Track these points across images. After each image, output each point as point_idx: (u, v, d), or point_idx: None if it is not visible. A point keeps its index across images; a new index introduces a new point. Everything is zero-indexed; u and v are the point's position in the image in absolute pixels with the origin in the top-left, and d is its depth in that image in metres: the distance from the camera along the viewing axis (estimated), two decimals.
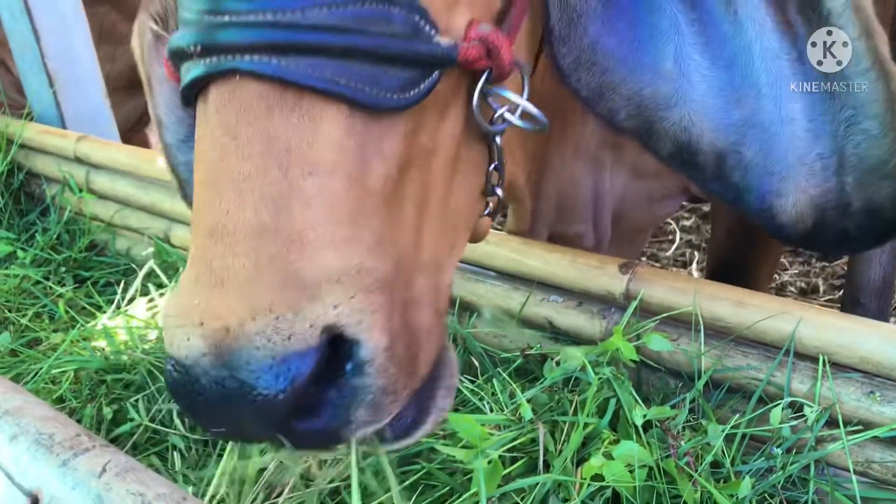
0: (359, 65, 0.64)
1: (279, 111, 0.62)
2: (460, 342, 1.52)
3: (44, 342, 1.82)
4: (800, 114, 0.87)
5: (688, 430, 1.21)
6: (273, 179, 0.62)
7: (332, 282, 0.63)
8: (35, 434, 0.59)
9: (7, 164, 2.34)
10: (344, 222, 0.65)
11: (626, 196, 1.69)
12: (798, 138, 0.87)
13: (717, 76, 0.87)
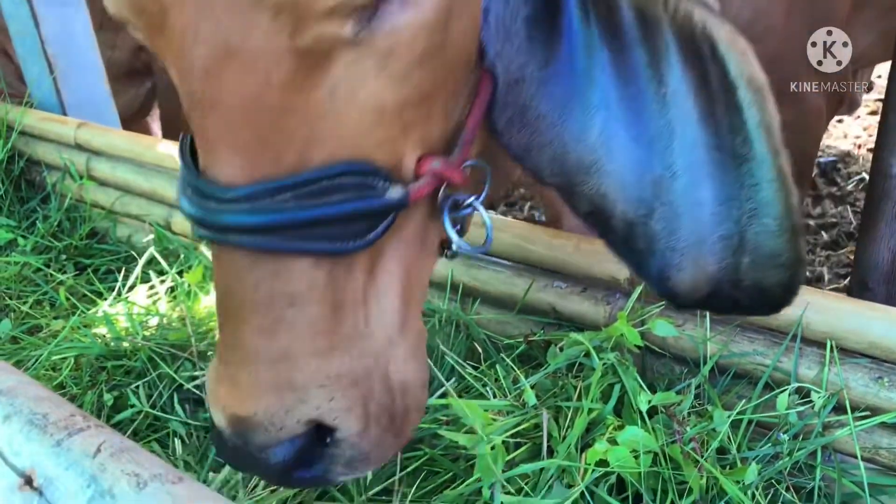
0: (321, 228, 0.79)
1: (262, 266, 0.80)
2: (463, 329, 1.51)
3: (44, 329, 1.81)
4: (709, 199, 0.93)
5: (693, 415, 1.19)
6: (264, 313, 0.81)
7: (315, 387, 0.84)
8: (28, 414, 0.58)
9: (7, 152, 2.33)
10: (321, 338, 0.84)
11: None
12: (703, 221, 0.94)
13: (636, 153, 0.93)
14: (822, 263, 3.01)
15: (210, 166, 0.78)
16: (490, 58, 0.90)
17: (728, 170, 0.92)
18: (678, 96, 0.90)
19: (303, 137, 0.77)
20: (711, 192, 0.93)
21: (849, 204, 3.34)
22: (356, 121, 0.79)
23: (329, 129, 0.78)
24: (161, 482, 0.51)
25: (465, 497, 1.13)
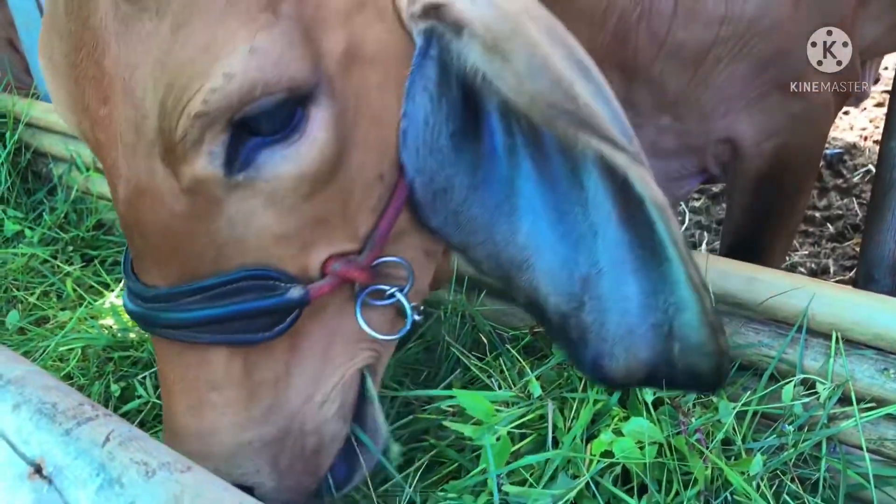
0: (231, 324, 0.92)
1: (187, 355, 0.94)
2: (469, 320, 1.51)
3: (52, 320, 1.82)
4: (635, 293, 1.00)
5: (698, 407, 1.20)
6: (190, 394, 0.96)
7: (233, 456, 0.98)
8: (38, 403, 0.58)
9: (14, 144, 2.33)
10: (240, 414, 0.98)
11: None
12: (632, 313, 1.01)
13: (564, 251, 1.00)
14: (828, 255, 3.00)
15: (138, 272, 0.94)
16: (410, 173, 0.97)
17: (651, 266, 0.98)
18: (598, 200, 0.97)
19: (209, 254, 0.90)
20: (637, 286, 1.00)
21: (855, 196, 3.34)
22: (255, 244, 0.91)
23: (231, 248, 0.91)
24: (170, 471, 0.51)
25: (470, 488, 1.14)
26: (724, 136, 1.61)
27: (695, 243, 3.32)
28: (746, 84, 1.53)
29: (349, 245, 0.98)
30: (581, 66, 0.94)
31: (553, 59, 0.90)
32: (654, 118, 1.59)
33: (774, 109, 1.57)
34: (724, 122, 1.58)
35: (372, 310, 1.05)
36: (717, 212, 3.41)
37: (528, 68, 0.90)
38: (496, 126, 0.96)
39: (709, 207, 3.47)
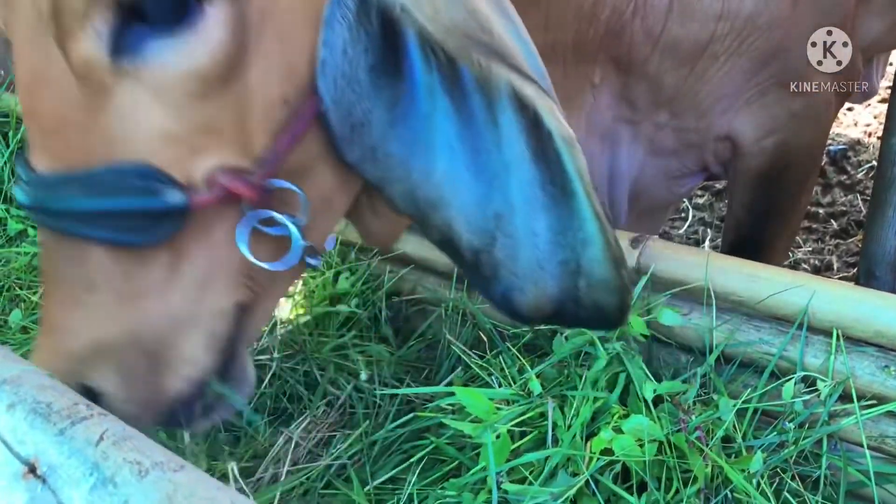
0: (108, 220, 0.90)
1: (65, 249, 0.92)
2: (469, 318, 1.51)
3: None
4: (544, 230, 1.02)
5: (699, 404, 1.20)
6: (63, 289, 0.95)
7: (88, 358, 0.96)
8: (32, 402, 0.58)
9: (17, 143, 2.33)
10: (106, 318, 0.96)
11: (644, 174, 1.67)
12: (541, 249, 1.03)
13: (478, 190, 1.01)
14: (832, 252, 3.00)
15: (29, 156, 0.92)
16: (327, 104, 0.95)
17: (560, 204, 1.00)
18: (511, 137, 0.98)
19: (98, 147, 0.89)
20: (547, 223, 1.01)
21: (858, 192, 3.33)
22: (142, 140, 0.89)
23: (119, 143, 0.89)
24: (163, 470, 0.51)
25: (470, 486, 1.14)
26: (724, 133, 1.60)
27: (698, 240, 3.31)
28: (745, 81, 1.52)
29: (242, 161, 0.94)
30: (499, 3, 0.96)
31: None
32: (652, 115, 1.58)
33: (774, 107, 1.56)
34: (723, 119, 1.58)
35: (260, 239, 0.97)
36: (720, 208, 3.40)
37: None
38: (415, 61, 0.96)
39: (712, 204, 3.47)
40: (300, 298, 1.61)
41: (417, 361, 1.53)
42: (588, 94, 1.57)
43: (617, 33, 1.45)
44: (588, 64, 1.53)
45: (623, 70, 1.52)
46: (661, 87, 1.52)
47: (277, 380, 1.48)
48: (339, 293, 1.61)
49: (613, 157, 1.66)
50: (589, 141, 1.64)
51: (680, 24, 1.43)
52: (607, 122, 1.61)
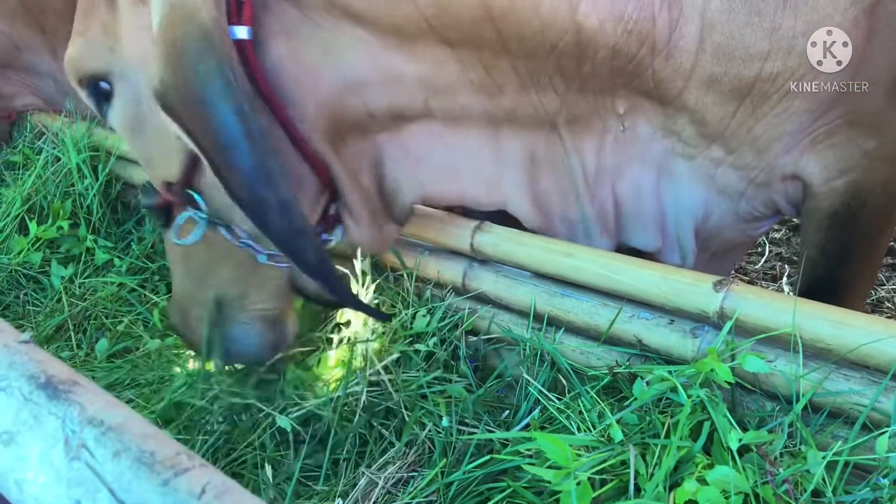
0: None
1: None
2: (547, 358, 1.50)
3: (139, 349, 1.88)
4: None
5: (786, 455, 1.16)
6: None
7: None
8: (137, 451, 0.60)
9: (105, 176, 2.43)
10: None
11: (712, 215, 1.63)
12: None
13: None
14: None
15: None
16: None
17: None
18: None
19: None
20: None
21: None
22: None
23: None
24: None
25: None
26: (791, 172, 1.54)
27: (775, 276, 3.23)
28: (810, 121, 1.46)
29: (170, 178, 1.48)
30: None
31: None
32: (704, 148, 1.54)
33: (845, 146, 1.49)
34: (788, 158, 1.52)
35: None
36: (797, 243, 3.32)
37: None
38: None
39: (789, 238, 3.39)
40: (382, 338, 1.63)
41: (495, 401, 1.53)
42: (612, 121, 1.56)
43: (632, 72, 1.44)
44: (603, 95, 1.51)
45: (655, 101, 1.50)
46: (704, 121, 1.49)
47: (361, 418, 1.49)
48: (418, 332, 1.62)
49: (675, 192, 1.63)
50: (631, 168, 1.62)
51: (715, 62, 1.40)
52: (657, 155, 1.59)
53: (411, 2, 1.36)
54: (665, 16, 1.36)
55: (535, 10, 1.35)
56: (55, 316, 2.08)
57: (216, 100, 1.25)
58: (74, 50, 1.47)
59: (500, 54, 1.44)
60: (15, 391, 0.67)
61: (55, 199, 2.38)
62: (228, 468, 1.50)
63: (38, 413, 0.64)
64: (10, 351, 0.71)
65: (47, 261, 2.27)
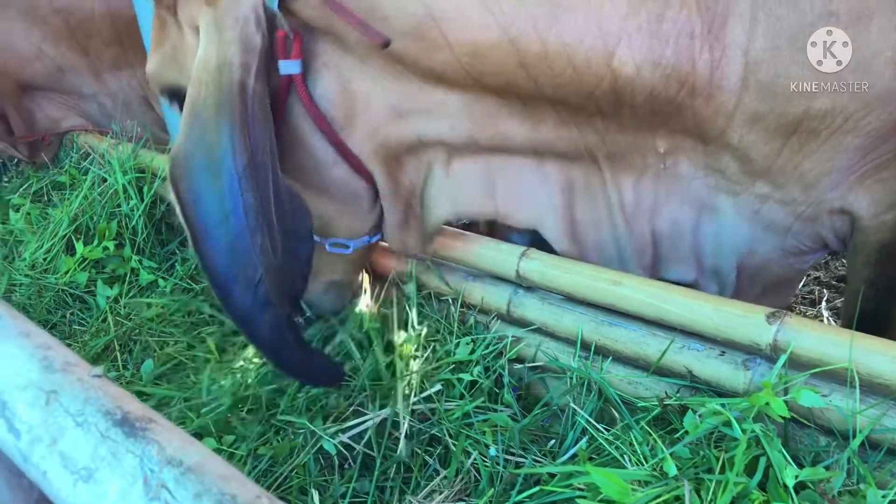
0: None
1: None
2: (594, 388, 1.49)
3: (185, 370, 1.90)
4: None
5: (846, 494, 1.14)
6: None
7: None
8: (218, 494, 0.61)
9: (151, 197, 2.46)
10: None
11: (757, 250, 1.62)
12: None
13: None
14: None
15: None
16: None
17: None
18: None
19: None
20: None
21: None
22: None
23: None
24: None
25: None
26: (839, 207, 1.52)
27: (814, 300, 3.19)
28: (859, 157, 1.44)
29: None
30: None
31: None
32: (748, 185, 1.53)
33: (894, 180, 1.46)
34: (836, 192, 1.50)
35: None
36: (836, 268, 3.28)
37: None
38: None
39: (828, 263, 3.34)
40: (426, 365, 1.63)
41: (540, 430, 1.52)
42: (652, 159, 1.56)
43: (672, 112, 1.43)
44: (643, 134, 1.51)
45: (699, 140, 1.49)
46: (748, 158, 1.47)
47: (406, 445, 1.49)
48: (461, 360, 1.62)
49: (717, 227, 1.61)
50: (670, 205, 1.61)
51: (759, 101, 1.38)
52: (700, 192, 1.58)
53: (447, 49, 1.40)
54: (706, 57, 1.36)
55: (568, 59, 1.37)
56: (101, 336, 2.10)
57: (207, 178, 1.31)
58: (153, 64, 1.61)
59: (537, 97, 1.47)
60: (92, 427, 0.67)
61: (101, 220, 2.42)
62: (273, 492, 1.51)
63: (115, 450, 0.65)
64: (84, 385, 0.72)
65: (93, 281, 2.30)
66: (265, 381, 1.72)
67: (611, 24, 1.34)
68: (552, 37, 1.35)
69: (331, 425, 1.56)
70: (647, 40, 1.35)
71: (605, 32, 1.34)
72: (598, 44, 1.35)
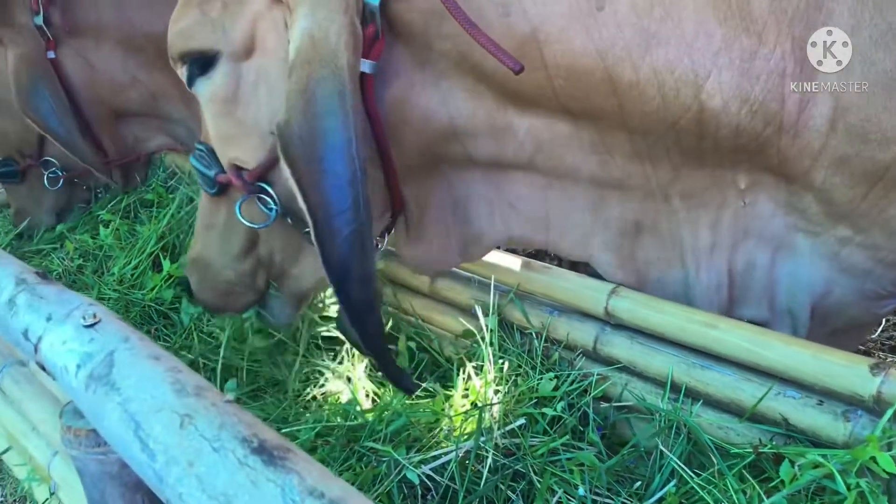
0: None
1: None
2: (683, 431, 1.47)
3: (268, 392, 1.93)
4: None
5: None
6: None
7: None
8: None
9: None
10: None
11: (833, 292, 1.58)
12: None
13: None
14: None
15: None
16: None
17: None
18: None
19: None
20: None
21: None
22: (208, 132, 1.64)
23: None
24: None
25: None
26: None
27: (893, 346, 3.10)
28: None
29: (244, 164, 1.54)
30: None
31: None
32: (829, 227, 1.49)
33: None
34: None
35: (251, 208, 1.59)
36: None
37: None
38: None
39: None
40: (508, 399, 1.63)
41: (625, 471, 1.50)
42: (732, 195, 1.53)
43: (755, 149, 1.41)
44: (723, 169, 1.49)
45: (782, 178, 1.46)
46: (831, 201, 1.44)
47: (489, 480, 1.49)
48: (544, 395, 1.62)
49: (793, 266, 1.58)
50: (747, 243, 1.58)
51: (847, 144, 1.35)
52: (778, 231, 1.54)
53: (543, 70, 1.40)
54: (796, 97, 1.34)
55: (658, 87, 1.37)
56: (185, 353, 2.15)
57: (336, 162, 1.27)
58: (186, 22, 1.50)
59: (618, 126, 1.46)
60: (228, 453, 0.69)
61: (187, 238, 2.48)
62: None
63: (255, 478, 0.66)
64: (218, 410, 0.74)
65: (178, 298, 2.36)
66: (346, 413, 1.74)
67: (702, 57, 1.33)
68: (645, 65, 1.35)
69: (414, 455, 1.56)
70: (736, 76, 1.34)
71: (696, 65, 1.34)
72: (688, 75, 1.35)
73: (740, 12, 1.30)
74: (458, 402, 1.71)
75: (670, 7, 1.32)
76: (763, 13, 1.30)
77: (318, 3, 1.31)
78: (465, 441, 1.57)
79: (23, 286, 1.15)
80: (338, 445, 1.65)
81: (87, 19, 2.76)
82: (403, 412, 1.69)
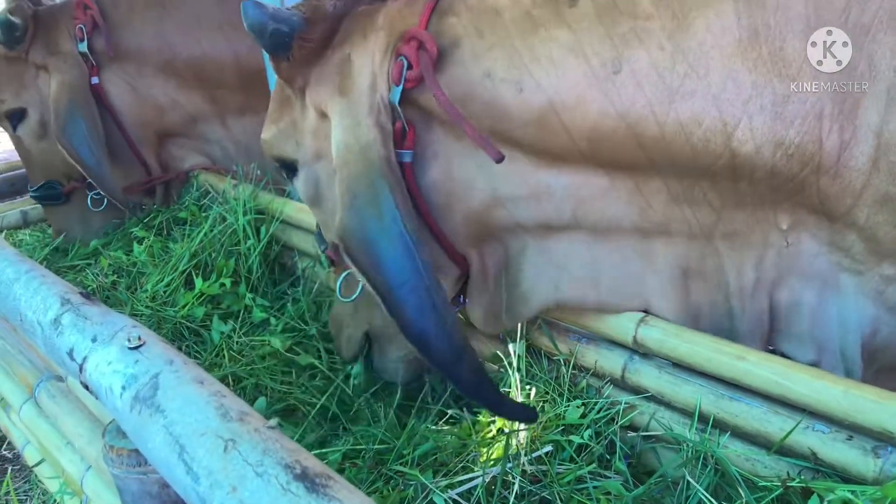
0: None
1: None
2: (710, 462, 1.47)
3: (296, 412, 1.95)
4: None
5: None
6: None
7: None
8: None
9: (267, 237, 2.56)
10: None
11: (879, 331, 1.58)
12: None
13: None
14: None
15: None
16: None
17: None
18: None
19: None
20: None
21: None
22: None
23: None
24: None
25: None
26: None
27: None
28: None
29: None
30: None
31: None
32: (873, 265, 1.49)
33: None
34: None
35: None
36: None
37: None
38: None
39: None
40: (535, 426, 1.63)
41: (652, 501, 1.50)
42: (775, 235, 1.53)
43: (794, 189, 1.42)
44: (763, 209, 1.50)
45: (824, 217, 1.47)
46: (875, 239, 1.44)
47: None
48: (571, 423, 1.63)
49: (840, 306, 1.58)
50: (790, 282, 1.58)
51: (890, 182, 1.35)
52: (822, 269, 1.54)
53: (566, 134, 1.46)
54: (835, 138, 1.35)
55: (686, 139, 1.39)
56: (215, 370, 2.18)
57: (384, 242, 1.41)
58: (269, 135, 1.81)
59: (651, 175, 1.50)
60: (272, 479, 0.71)
61: (220, 257, 2.52)
62: None
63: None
64: (262, 436, 0.77)
65: (209, 315, 2.40)
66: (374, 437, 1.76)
67: (731, 106, 1.35)
68: (670, 120, 1.38)
69: (441, 479, 1.58)
70: (769, 121, 1.35)
71: (725, 114, 1.36)
72: (716, 125, 1.37)
73: (772, 58, 1.32)
74: (484, 428, 1.73)
75: (695, 62, 1.35)
76: (798, 57, 1.31)
77: (345, 112, 1.53)
78: (491, 467, 1.58)
79: (68, 306, 1.18)
80: (365, 468, 1.67)
81: (130, 45, 2.85)
82: (430, 436, 1.70)
